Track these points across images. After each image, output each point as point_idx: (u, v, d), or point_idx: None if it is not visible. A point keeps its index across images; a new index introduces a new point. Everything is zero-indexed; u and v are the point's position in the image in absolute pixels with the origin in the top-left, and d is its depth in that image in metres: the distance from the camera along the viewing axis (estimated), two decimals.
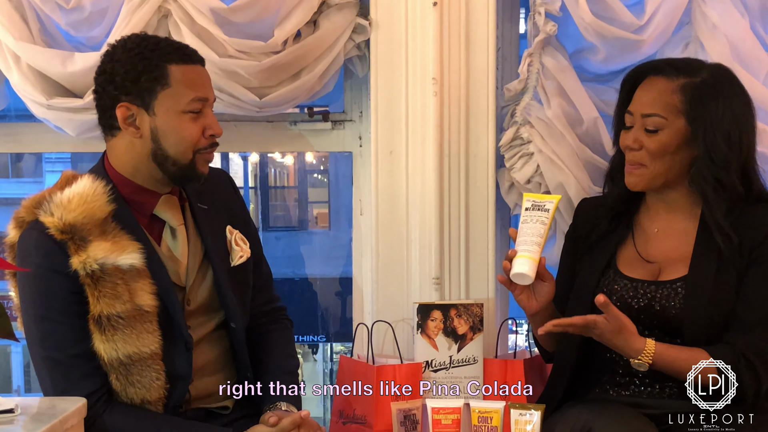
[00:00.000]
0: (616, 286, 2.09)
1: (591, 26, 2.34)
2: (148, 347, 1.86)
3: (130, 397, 1.88)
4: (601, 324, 1.93)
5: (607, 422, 1.90)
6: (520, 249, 2.00)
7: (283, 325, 2.23)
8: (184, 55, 1.93)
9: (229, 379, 2.06)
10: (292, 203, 10.64)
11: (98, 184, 1.89)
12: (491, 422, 2.10)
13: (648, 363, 1.95)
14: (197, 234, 2.04)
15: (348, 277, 2.77)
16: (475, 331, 2.36)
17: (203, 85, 1.95)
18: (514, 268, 1.99)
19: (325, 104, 2.62)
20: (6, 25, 2.31)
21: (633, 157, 2.07)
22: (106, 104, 1.92)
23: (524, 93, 2.43)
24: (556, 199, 2.06)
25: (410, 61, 2.43)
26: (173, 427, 1.91)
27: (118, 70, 1.89)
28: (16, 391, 10.15)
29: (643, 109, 2.05)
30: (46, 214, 1.85)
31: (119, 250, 1.85)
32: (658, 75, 2.06)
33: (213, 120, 1.95)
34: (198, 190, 2.05)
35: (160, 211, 1.98)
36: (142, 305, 1.86)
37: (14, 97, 2.44)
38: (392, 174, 2.48)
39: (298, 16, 2.35)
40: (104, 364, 1.85)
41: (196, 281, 2.01)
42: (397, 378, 2.28)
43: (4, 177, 10.46)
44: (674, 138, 2.02)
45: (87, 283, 1.82)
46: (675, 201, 2.11)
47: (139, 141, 1.92)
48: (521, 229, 2.03)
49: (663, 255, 2.10)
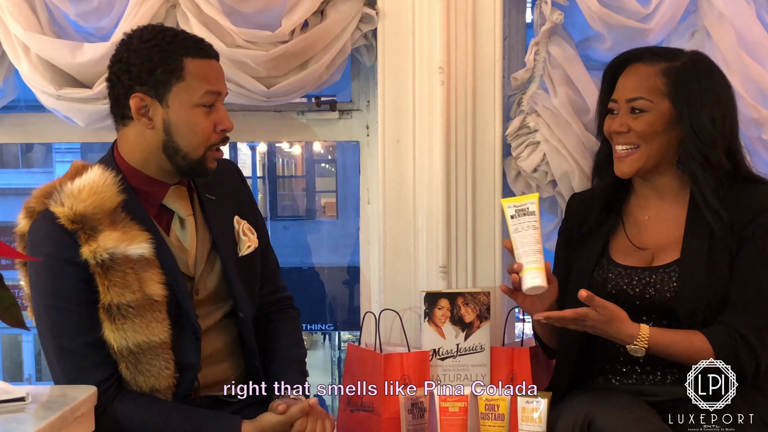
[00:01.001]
0: (610, 275, 2.11)
1: (597, 15, 2.34)
2: (157, 336, 1.87)
3: (140, 385, 1.89)
4: (591, 315, 1.95)
5: (608, 412, 1.92)
6: (525, 262, 2.01)
7: (290, 314, 2.25)
8: (200, 49, 1.94)
9: (237, 368, 2.08)
10: (300, 192, 10.66)
11: (108, 174, 1.90)
12: (498, 410, 2.11)
13: (644, 347, 1.96)
14: (205, 224, 2.05)
15: (355, 265, 2.78)
16: (482, 319, 2.37)
17: (217, 79, 1.96)
18: (527, 283, 1.99)
19: (332, 94, 2.62)
20: (15, 16, 2.32)
21: (623, 139, 2.09)
22: (119, 93, 1.93)
23: (531, 82, 2.44)
24: (535, 197, 2.07)
25: (417, 50, 2.44)
26: (182, 415, 1.92)
27: (134, 60, 1.90)
28: (27, 380, 10.22)
29: (627, 94, 2.09)
30: (57, 204, 1.86)
31: (129, 240, 1.86)
32: (638, 62, 2.12)
33: (225, 114, 1.97)
34: (206, 180, 2.06)
35: (169, 202, 2.00)
36: (152, 294, 1.87)
37: (24, 87, 2.45)
38: (399, 163, 2.48)
39: (306, 5, 2.35)
40: (114, 353, 1.86)
41: (204, 271, 2.03)
42: (404, 366, 2.29)
43: (14, 167, 10.51)
44: (660, 119, 2.06)
45: (97, 272, 1.84)
46: (663, 186, 2.14)
47: (150, 132, 1.93)
48: (516, 239, 2.03)
49: (655, 241, 2.12)
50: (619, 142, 2.11)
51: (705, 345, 1.97)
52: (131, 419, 1.88)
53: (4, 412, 1.57)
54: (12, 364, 10.68)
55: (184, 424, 1.91)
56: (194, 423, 1.91)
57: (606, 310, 1.95)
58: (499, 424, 2.11)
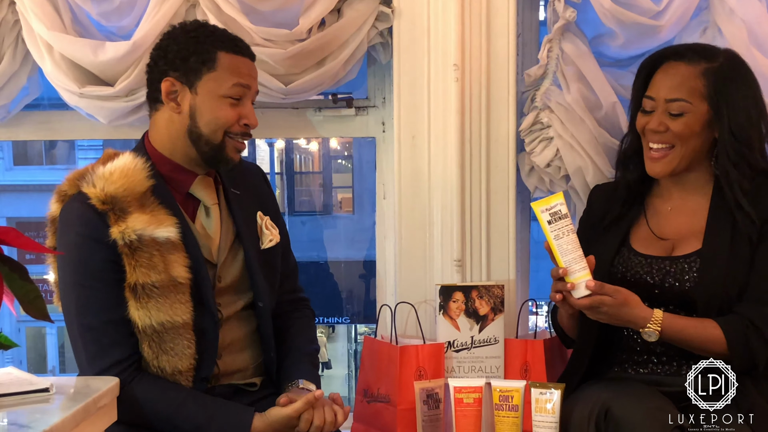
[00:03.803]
0: (630, 264, 2.12)
1: (610, 12, 2.34)
2: (180, 317, 1.92)
3: (162, 366, 1.93)
4: (607, 300, 1.96)
5: (625, 402, 1.92)
6: (574, 270, 1.98)
7: (305, 313, 2.29)
8: (235, 46, 2.01)
9: (255, 358, 2.12)
10: (317, 188, 10.69)
11: (139, 160, 1.97)
12: (512, 401, 2.13)
13: (657, 331, 1.97)
14: (230, 216, 2.10)
15: (371, 260, 2.79)
16: (496, 311, 2.38)
17: (248, 74, 2.02)
18: (580, 293, 1.97)
19: (348, 91, 2.63)
20: (39, 16, 2.35)
21: (660, 138, 2.09)
22: (154, 77, 2.01)
23: (544, 78, 2.44)
24: (560, 197, 2.02)
25: (432, 47, 2.45)
26: (197, 401, 1.95)
27: (172, 47, 1.99)
28: (51, 371, 10.32)
29: (667, 94, 2.08)
30: (89, 185, 1.92)
31: (157, 223, 1.91)
32: (678, 60, 2.10)
33: (250, 110, 2.02)
34: (232, 177, 2.12)
35: (195, 190, 2.05)
36: (177, 277, 1.92)
37: (47, 86, 2.48)
38: (415, 159, 2.50)
39: (323, 4, 2.37)
40: (138, 332, 1.90)
41: (227, 260, 2.07)
42: (420, 358, 2.31)
43: (38, 164, 10.61)
44: (698, 121, 2.06)
45: (125, 252, 1.88)
46: (689, 182, 2.15)
47: (177, 117, 1.99)
48: (559, 246, 1.99)
49: (676, 232, 2.13)
50: (654, 140, 2.10)
51: (717, 332, 1.98)
52: (147, 401, 1.91)
53: (29, 403, 1.60)
54: (36, 356, 10.79)
55: (198, 410, 1.93)
56: (208, 410, 1.94)
57: (619, 293, 1.97)
58: (513, 414, 2.13)
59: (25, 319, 1.84)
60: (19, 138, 2.73)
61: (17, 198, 10.22)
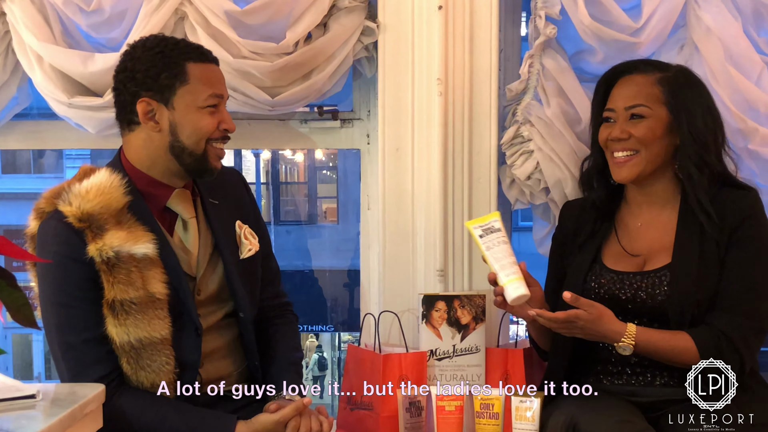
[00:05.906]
0: (603, 280, 2.15)
1: (589, 29, 2.38)
2: (158, 332, 1.92)
3: (141, 381, 1.93)
4: (582, 315, 1.98)
5: (592, 415, 1.95)
6: (504, 274, 2.02)
7: (289, 319, 2.28)
8: (201, 54, 2.01)
9: (238, 365, 2.12)
10: (302, 198, 10.69)
11: (115, 176, 1.96)
12: (493, 409, 2.15)
13: (631, 345, 2.00)
14: (208, 227, 2.10)
15: (356, 269, 2.79)
16: (478, 321, 2.39)
17: (218, 82, 2.02)
18: (511, 294, 2.01)
19: (334, 103, 2.66)
20: (30, 27, 2.36)
21: (624, 146, 2.13)
22: (125, 100, 1.99)
23: (525, 93, 2.47)
24: (496, 215, 2.11)
25: (416, 62, 2.48)
26: (180, 412, 1.95)
27: (139, 67, 1.96)
28: (37, 378, 10.23)
29: (626, 102, 2.14)
30: (65, 203, 1.91)
31: (134, 240, 1.91)
32: (633, 73, 2.18)
33: (227, 116, 2.03)
34: (210, 186, 2.11)
35: (172, 204, 2.05)
36: (154, 293, 1.92)
37: (37, 95, 2.49)
38: (399, 170, 2.52)
39: (309, 18, 2.39)
40: (116, 348, 1.90)
41: (206, 272, 2.07)
42: (402, 366, 2.32)
43: (26, 173, 10.60)
44: (659, 125, 2.12)
45: (102, 269, 1.88)
46: (656, 193, 2.18)
47: (157, 135, 1.98)
48: (490, 255, 2.04)
49: (647, 247, 2.16)
50: (618, 148, 2.14)
51: (689, 344, 2.01)
52: (130, 414, 1.91)
53: (16, 409, 1.58)
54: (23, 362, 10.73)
55: (181, 421, 1.94)
56: (191, 421, 1.94)
57: (593, 308, 2.00)
58: (494, 422, 2.15)
59: (11, 325, 1.83)
60: (8, 147, 2.73)
61: (5, 206, 10.19)
